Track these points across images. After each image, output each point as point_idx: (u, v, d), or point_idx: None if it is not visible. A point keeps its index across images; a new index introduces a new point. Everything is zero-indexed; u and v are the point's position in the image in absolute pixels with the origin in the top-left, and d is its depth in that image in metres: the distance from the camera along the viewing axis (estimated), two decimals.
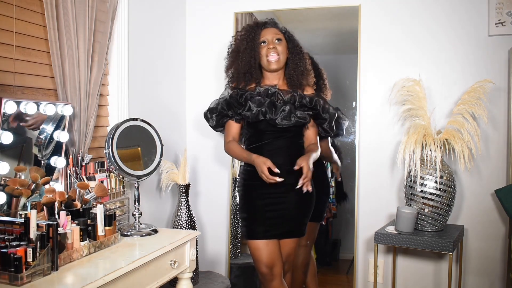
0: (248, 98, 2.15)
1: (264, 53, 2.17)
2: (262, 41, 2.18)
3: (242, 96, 2.16)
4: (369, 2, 2.75)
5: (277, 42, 2.17)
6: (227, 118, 2.23)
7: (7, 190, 1.65)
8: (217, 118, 2.24)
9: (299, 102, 2.15)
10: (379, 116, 2.77)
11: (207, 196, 3.11)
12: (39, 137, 1.87)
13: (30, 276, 1.37)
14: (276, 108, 2.12)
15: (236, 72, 2.23)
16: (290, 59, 2.21)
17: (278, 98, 2.16)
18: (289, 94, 2.17)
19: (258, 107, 2.12)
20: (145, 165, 2.10)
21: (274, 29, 2.22)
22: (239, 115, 2.19)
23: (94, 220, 1.74)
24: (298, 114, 2.13)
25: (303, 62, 2.22)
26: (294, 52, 2.22)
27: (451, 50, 2.63)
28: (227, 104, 2.20)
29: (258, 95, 2.15)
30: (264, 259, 2.10)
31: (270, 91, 2.15)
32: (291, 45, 2.22)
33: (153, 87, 2.74)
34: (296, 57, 2.22)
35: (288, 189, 2.12)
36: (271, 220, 2.13)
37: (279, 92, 2.17)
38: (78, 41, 2.00)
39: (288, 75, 2.21)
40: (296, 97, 2.15)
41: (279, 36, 2.18)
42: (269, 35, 2.18)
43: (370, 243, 2.76)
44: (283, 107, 2.12)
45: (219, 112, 2.22)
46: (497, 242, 2.59)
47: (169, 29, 2.92)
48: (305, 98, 2.16)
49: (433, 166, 2.37)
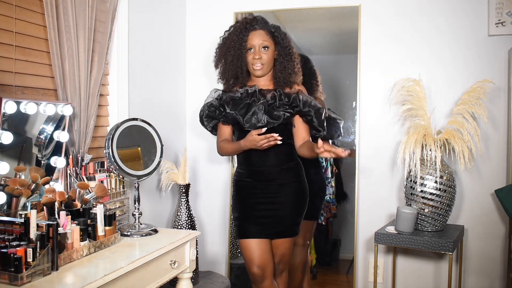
0: (226, 101, 2.15)
1: (250, 60, 2.15)
2: (248, 47, 2.14)
3: (222, 99, 2.17)
4: (369, 2, 2.75)
5: (264, 50, 2.12)
6: (215, 120, 2.24)
7: (7, 190, 1.65)
8: (208, 121, 2.25)
9: (279, 101, 2.11)
10: (379, 116, 2.77)
11: (207, 196, 3.11)
12: (39, 137, 1.87)
13: (30, 276, 1.37)
14: (250, 110, 2.10)
15: (225, 79, 2.22)
16: (278, 60, 2.17)
17: (260, 98, 2.12)
18: (270, 93, 2.13)
19: (232, 110, 2.12)
20: (145, 165, 2.10)
21: (262, 33, 2.15)
22: (224, 117, 2.18)
23: (94, 220, 1.74)
24: (274, 113, 2.08)
25: (291, 63, 2.17)
26: (282, 54, 2.17)
27: (451, 50, 2.63)
28: (209, 108, 2.21)
29: (238, 97, 2.13)
30: (256, 258, 2.09)
31: (249, 91, 2.13)
32: (279, 47, 2.17)
33: (153, 87, 2.74)
34: (285, 58, 2.17)
35: (280, 189, 2.12)
36: (263, 219, 2.12)
37: (259, 92, 2.13)
38: (78, 41, 2.00)
39: (275, 76, 2.18)
40: (276, 95, 2.11)
41: (266, 43, 2.13)
42: (255, 41, 2.13)
43: (370, 243, 2.76)
44: (255, 108, 2.08)
45: (207, 115, 2.23)
46: (497, 242, 2.59)
47: (169, 29, 2.92)
48: (282, 95, 2.11)
49: (433, 166, 2.37)
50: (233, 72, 2.18)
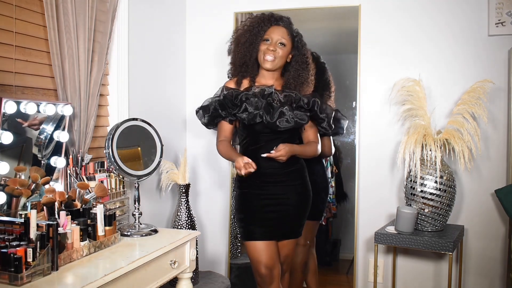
0: (244, 99, 2.10)
1: (263, 49, 2.13)
2: (265, 38, 2.13)
3: (237, 97, 2.11)
4: (369, 2, 2.75)
5: (280, 46, 2.12)
6: (220, 118, 2.19)
7: (7, 190, 1.65)
8: (209, 118, 2.21)
9: (296, 103, 2.11)
10: (379, 116, 2.76)
11: (207, 196, 3.10)
12: (39, 137, 1.87)
13: (30, 276, 1.37)
14: (274, 109, 2.07)
15: (233, 63, 2.21)
16: (293, 66, 2.16)
17: (274, 98, 2.10)
18: (285, 94, 2.12)
19: (255, 109, 2.07)
20: (145, 165, 2.10)
21: (284, 30, 2.14)
22: (233, 116, 2.15)
23: (94, 220, 1.74)
24: (297, 116, 2.08)
25: (306, 73, 2.16)
26: (299, 61, 2.16)
27: (451, 50, 2.63)
28: (220, 104, 2.15)
29: (253, 96, 2.10)
30: (264, 260, 2.08)
31: (266, 92, 2.10)
32: (296, 52, 2.16)
33: (153, 87, 2.74)
34: (301, 66, 2.16)
35: (287, 190, 2.13)
36: (270, 221, 2.12)
37: (276, 92, 2.11)
38: (78, 41, 2.00)
39: (287, 81, 2.16)
40: (293, 97, 2.11)
41: (284, 41, 2.12)
42: (275, 35, 2.12)
43: (370, 243, 2.76)
44: (281, 109, 2.07)
45: (211, 112, 2.18)
46: (497, 242, 2.59)
47: (169, 29, 2.92)
48: (302, 99, 2.12)
49: (433, 166, 2.37)
50: (242, 55, 2.16)
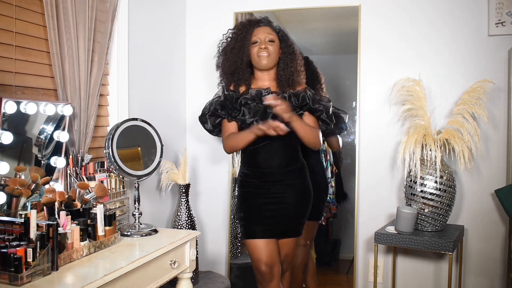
0: (243, 103, 2.13)
1: (255, 52, 2.14)
2: (254, 41, 2.15)
3: (237, 101, 2.14)
4: (369, 2, 2.75)
5: (270, 43, 2.14)
6: (220, 118, 2.21)
7: (7, 190, 1.65)
8: (211, 119, 2.22)
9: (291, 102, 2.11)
10: (379, 116, 2.76)
11: (207, 196, 3.10)
12: (39, 137, 1.87)
13: (30, 276, 1.37)
14: (268, 113, 2.08)
15: (223, 73, 2.21)
16: (282, 59, 2.18)
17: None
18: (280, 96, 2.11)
19: (252, 117, 2.10)
20: (145, 165, 2.10)
21: (267, 28, 2.18)
22: (232, 117, 2.17)
23: (94, 220, 1.74)
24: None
25: (294, 62, 2.18)
26: (286, 52, 2.18)
27: (451, 50, 2.63)
28: (220, 105, 2.17)
29: (252, 100, 2.12)
30: (264, 257, 2.09)
31: (263, 94, 2.12)
32: (283, 44, 2.19)
33: (153, 87, 2.74)
34: (288, 57, 2.18)
35: (287, 189, 2.13)
36: (270, 219, 2.13)
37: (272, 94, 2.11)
38: (78, 41, 2.00)
39: (278, 75, 2.18)
40: (286, 98, 2.11)
41: (271, 37, 2.15)
42: (261, 34, 2.15)
43: (370, 243, 2.76)
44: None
45: (212, 112, 2.20)
46: (497, 242, 2.59)
47: (169, 29, 2.92)
48: (292, 97, 2.12)
49: (433, 166, 2.37)
50: (232, 62, 2.16)
